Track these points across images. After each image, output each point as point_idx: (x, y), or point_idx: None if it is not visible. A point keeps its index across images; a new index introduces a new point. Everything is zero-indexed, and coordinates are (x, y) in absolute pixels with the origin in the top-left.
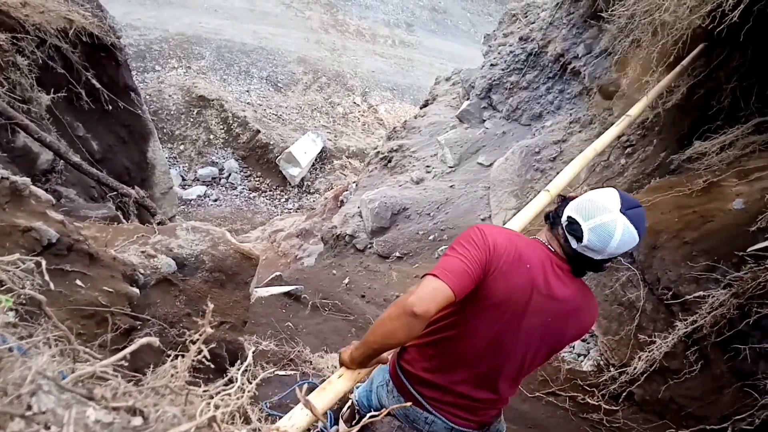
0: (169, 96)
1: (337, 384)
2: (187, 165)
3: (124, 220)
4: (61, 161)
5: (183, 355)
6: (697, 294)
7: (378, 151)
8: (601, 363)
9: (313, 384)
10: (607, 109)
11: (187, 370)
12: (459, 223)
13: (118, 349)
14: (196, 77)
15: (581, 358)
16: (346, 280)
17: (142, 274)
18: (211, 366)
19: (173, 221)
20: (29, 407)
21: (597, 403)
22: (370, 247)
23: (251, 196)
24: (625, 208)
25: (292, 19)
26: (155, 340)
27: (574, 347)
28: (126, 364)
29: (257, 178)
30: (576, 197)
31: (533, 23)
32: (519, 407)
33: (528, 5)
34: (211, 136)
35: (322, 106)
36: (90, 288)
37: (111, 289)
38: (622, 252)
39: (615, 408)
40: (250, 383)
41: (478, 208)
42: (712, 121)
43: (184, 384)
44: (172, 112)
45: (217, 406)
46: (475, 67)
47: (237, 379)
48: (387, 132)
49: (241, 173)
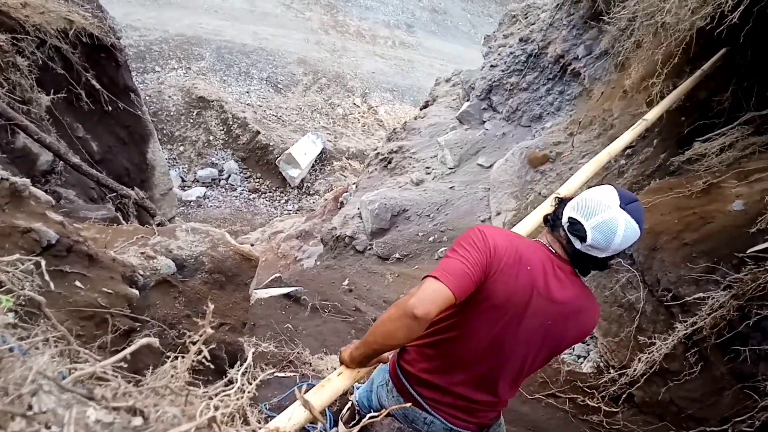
0: (169, 97)
1: (336, 382)
2: (186, 166)
3: (123, 222)
4: (61, 162)
5: (183, 356)
6: (697, 295)
7: (378, 153)
8: (601, 365)
9: (312, 386)
10: (607, 110)
11: (187, 371)
12: (459, 224)
13: (118, 350)
14: (196, 78)
15: (581, 359)
16: (346, 282)
17: (141, 275)
18: (210, 367)
19: (173, 222)
20: (30, 407)
21: (597, 405)
22: (369, 249)
23: (251, 197)
24: (624, 204)
25: (292, 20)
26: (155, 341)
27: (574, 349)
28: (125, 366)
29: (257, 180)
30: (572, 198)
31: (533, 24)
32: (518, 409)
33: (528, 6)
34: (211, 138)
35: (322, 107)
36: (89, 289)
37: (110, 291)
38: (625, 247)
39: (615, 410)
40: (250, 384)
41: (477, 210)
42: (712, 122)
43: (184, 385)
44: (172, 113)
45: (217, 407)
46: (475, 68)
47: (237, 380)
48: (387, 133)
49: (241, 174)
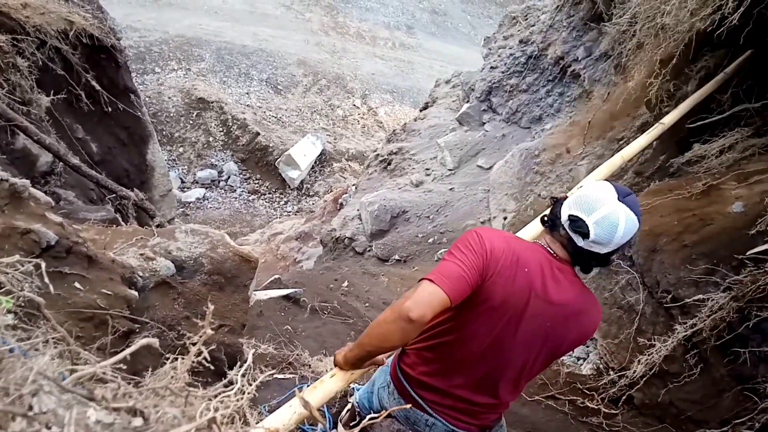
0: (169, 98)
1: (329, 383)
2: (186, 167)
3: (122, 223)
4: (61, 163)
5: (183, 357)
6: (696, 297)
7: (377, 154)
8: (601, 366)
9: None
10: (607, 112)
11: (186, 372)
12: (458, 226)
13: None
14: (195, 79)
15: (581, 361)
16: (345, 283)
17: (140, 276)
18: (210, 368)
19: (172, 224)
20: (31, 407)
21: (596, 407)
22: (369, 250)
23: (250, 198)
24: (622, 197)
25: (292, 22)
26: (155, 341)
27: (573, 351)
28: (125, 367)
29: (256, 181)
30: (567, 197)
31: (533, 26)
32: (518, 411)
33: (528, 8)
34: (211, 139)
35: (322, 108)
36: (89, 290)
37: (110, 292)
38: (626, 241)
39: (614, 412)
40: (250, 385)
41: (477, 211)
42: (712, 123)
43: (184, 385)
44: (172, 115)
45: (217, 408)
46: (475, 69)
47: (237, 381)
48: (387, 134)
49: (241, 176)
